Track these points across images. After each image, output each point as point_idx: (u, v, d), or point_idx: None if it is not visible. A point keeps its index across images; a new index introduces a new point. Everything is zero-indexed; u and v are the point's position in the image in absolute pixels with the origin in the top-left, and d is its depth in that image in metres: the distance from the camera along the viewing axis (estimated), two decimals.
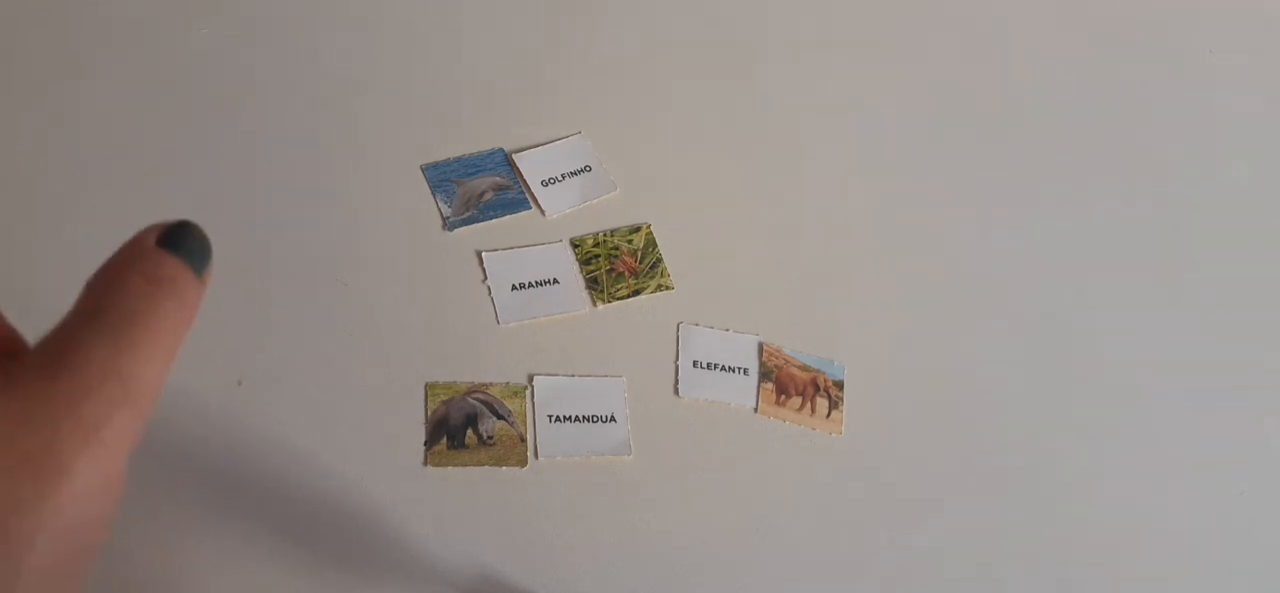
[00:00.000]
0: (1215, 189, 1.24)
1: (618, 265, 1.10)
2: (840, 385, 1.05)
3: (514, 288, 1.07)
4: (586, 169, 1.15)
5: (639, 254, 1.11)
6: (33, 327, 1.08)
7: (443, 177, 1.14)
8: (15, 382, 0.38)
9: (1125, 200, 1.21)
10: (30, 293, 1.03)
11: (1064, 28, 1.35)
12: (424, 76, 1.21)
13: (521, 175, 1.14)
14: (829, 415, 1.04)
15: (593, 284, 1.08)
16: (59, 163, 1.11)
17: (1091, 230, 1.19)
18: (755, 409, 1.04)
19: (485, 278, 1.08)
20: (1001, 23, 1.34)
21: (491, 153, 1.16)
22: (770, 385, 1.04)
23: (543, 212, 1.12)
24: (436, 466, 0.98)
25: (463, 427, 0.99)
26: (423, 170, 1.14)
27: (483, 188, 1.13)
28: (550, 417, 1.01)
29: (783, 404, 1.04)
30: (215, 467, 0.96)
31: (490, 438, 0.99)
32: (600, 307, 1.07)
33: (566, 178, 1.15)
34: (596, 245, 1.11)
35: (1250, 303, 1.16)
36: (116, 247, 0.44)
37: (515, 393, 1.01)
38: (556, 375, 1.03)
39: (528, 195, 1.13)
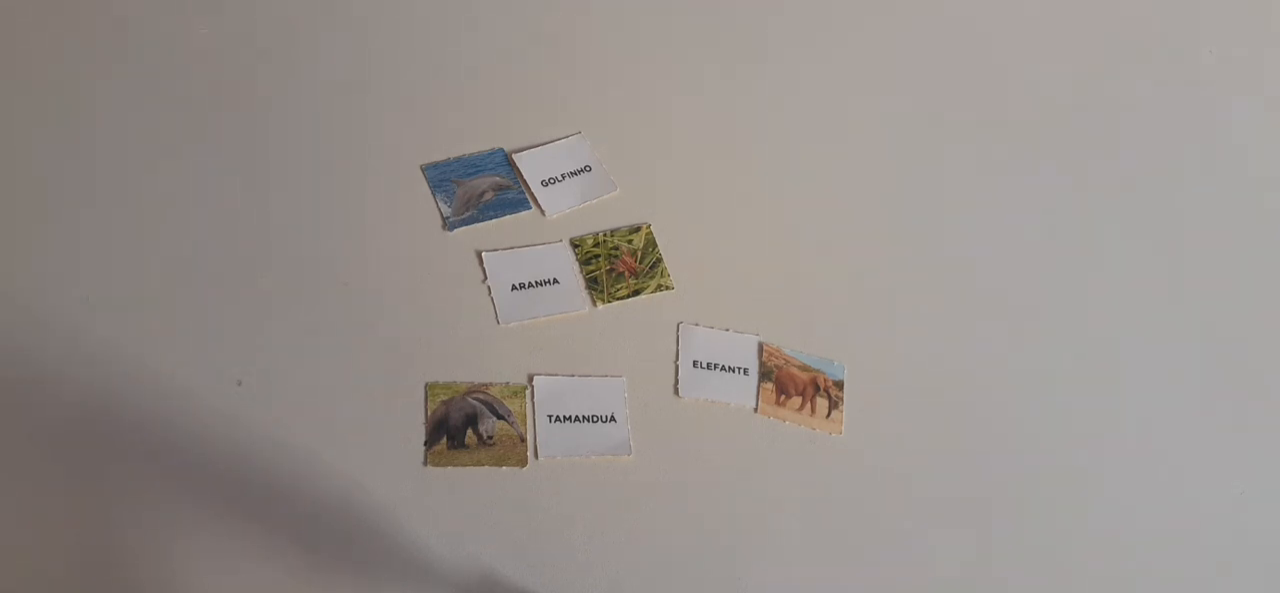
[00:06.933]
0: (1215, 190, 1.24)
1: (618, 265, 1.10)
2: (840, 385, 1.05)
3: (514, 288, 1.07)
4: (586, 169, 1.15)
5: (639, 254, 1.11)
6: (33, 321, 1.08)
7: (443, 177, 1.14)
8: None
9: (1125, 201, 1.21)
10: (30, 290, 1.03)
11: (1063, 30, 1.35)
12: (424, 76, 1.21)
13: (521, 175, 1.14)
14: (829, 415, 1.04)
15: (593, 284, 1.08)
16: (59, 162, 1.11)
17: (1091, 231, 1.19)
18: (755, 409, 1.04)
19: (485, 278, 1.08)
20: (1001, 24, 1.34)
21: (491, 153, 1.16)
22: (770, 385, 1.04)
23: (543, 212, 1.12)
24: (436, 465, 0.98)
25: (463, 427, 0.99)
26: (423, 170, 1.14)
27: (483, 188, 1.13)
28: (550, 417, 1.01)
29: (783, 404, 1.04)
30: (215, 467, 0.96)
31: (490, 438, 0.99)
32: (600, 307, 1.07)
33: (566, 178, 1.15)
34: (596, 245, 1.11)
35: (1250, 303, 1.16)
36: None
37: (515, 393, 1.01)
38: (556, 375, 1.03)
39: (528, 195, 1.13)
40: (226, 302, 1.04)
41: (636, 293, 1.08)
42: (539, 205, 1.12)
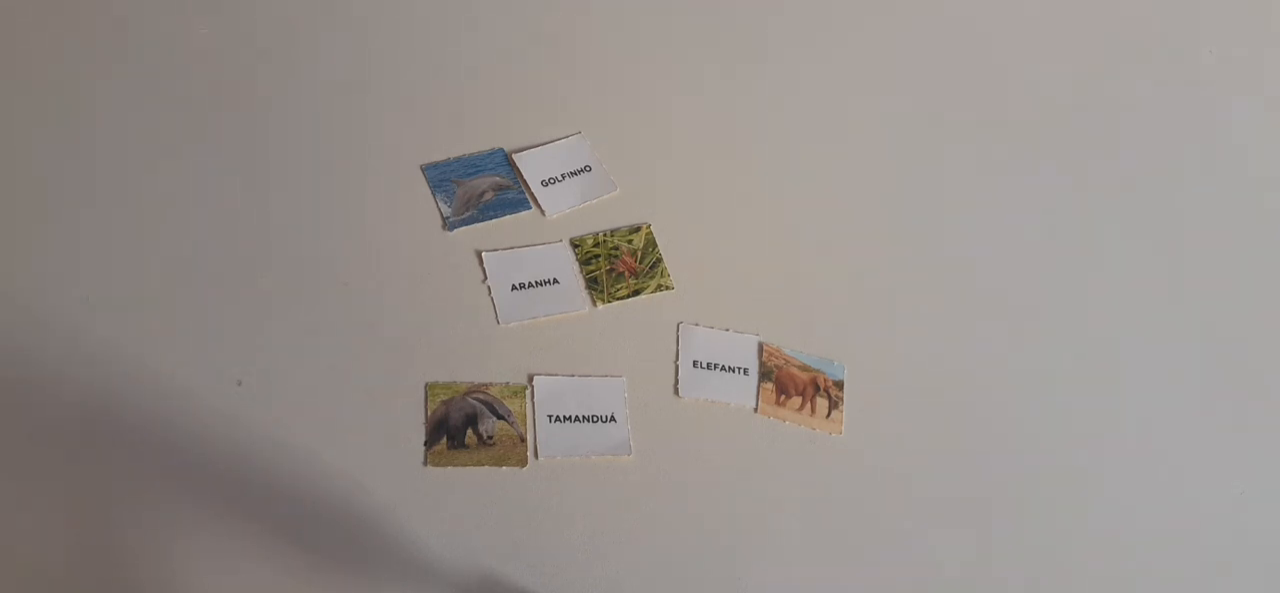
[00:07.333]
0: (1215, 190, 1.24)
1: (618, 265, 1.10)
2: (840, 385, 1.05)
3: (514, 288, 1.07)
4: (586, 169, 1.16)
5: (639, 254, 1.11)
6: (33, 321, 1.08)
7: (443, 177, 1.14)
8: None
9: (1125, 201, 1.21)
10: (30, 290, 1.03)
11: (1063, 30, 1.35)
12: (424, 76, 1.21)
13: (521, 175, 1.14)
14: (829, 416, 1.04)
15: (593, 284, 1.08)
16: (59, 162, 1.11)
17: (1091, 231, 1.19)
18: (755, 409, 1.04)
19: (485, 278, 1.08)
20: (1001, 24, 1.34)
21: (491, 153, 1.16)
22: (770, 385, 1.04)
23: (543, 212, 1.12)
24: (436, 465, 0.98)
25: (463, 427, 0.99)
26: (423, 170, 1.14)
27: (483, 188, 1.13)
28: (550, 417, 1.01)
29: (783, 404, 1.04)
30: (215, 467, 0.96)
31: (490, 438, 0.99)
32: (600, 307, 1.07)
33: (566, 178, 1.15)
34: (596, 245, 1.11)
35: (1250, 303, 1.16)
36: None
37: (515, 393, 1.01)
38: (556, 375, 1.03)
39: (528, 195, 1.13)
40: (226, 302, 1.04)
41: (636, 293, 1.08)
42: (539, 205, 1.12)
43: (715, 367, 1.05)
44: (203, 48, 1.20)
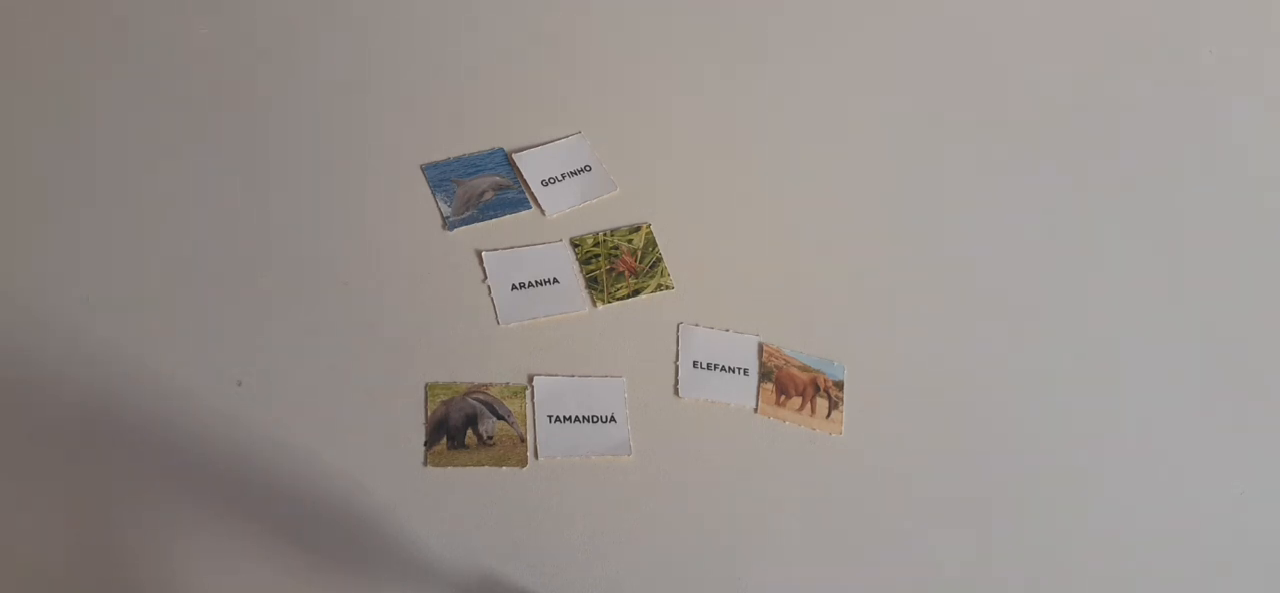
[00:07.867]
0: (1215, 190, 1.24)
1: (618, 265, 1.10)
2: (840, 385, 1.05)
3: (514, 288, 1.07)
4: (586, 169, 1.16)
5: (639, 254, 1.11)
6: (33, 321, 1.08)
7: (443, 177, 1.14)
8: None
9: (1125, 201, 1.21)
10: (30, 290, 1.03)
11: (1063, 30, 1.35)
12: (424, 76, 1.21)
13: (521, 175, 1.14)
14: (829, 416, 1.04)
15: (593, 284, 1.08)
16: (59, 162, 1.11)
17: (1091, 231, 1.19)
18: (755, 409, 1.04)
19: (485, 278, 1.08)
20: (1001, 24, 1.34)
21: (491, 153, 1.16)
22: (770, 385, 1.04)
23: (543, 212, 1.12)
24: (436, 465, 0.98)
25: (463, 427, 0.99)
26: (423, 170, 1.14)
27: (483, 188, 1.13)
28: (550, 417, 1.01)
29: (783, 404, 1.04)
30: (215, 467, 0.96)
31: (490, 438, 0.99)
32: (600, 307, 1.07)
33: (566, 178, 1.15)
34: (596, 245, 1.11)
35: (1250, 303, 1.16)
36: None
37: (515, 393, 1.01)
38: (556, 375, 1.03)
39: (528, 195, 1.13)
40: (226, 302, 1.04)
41: (636, 293, 1.08)
42: (539, 205, 1.12)
43: (715, 367, 1.05)
44: (203, 48, 1.20)
